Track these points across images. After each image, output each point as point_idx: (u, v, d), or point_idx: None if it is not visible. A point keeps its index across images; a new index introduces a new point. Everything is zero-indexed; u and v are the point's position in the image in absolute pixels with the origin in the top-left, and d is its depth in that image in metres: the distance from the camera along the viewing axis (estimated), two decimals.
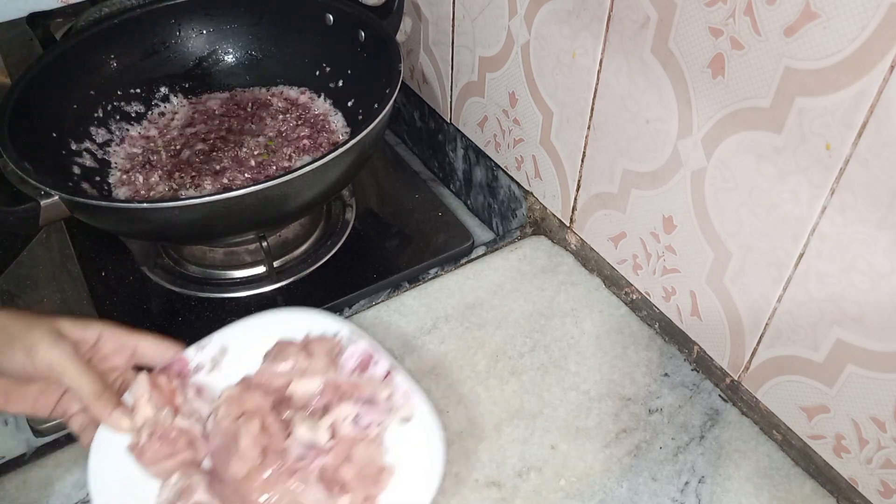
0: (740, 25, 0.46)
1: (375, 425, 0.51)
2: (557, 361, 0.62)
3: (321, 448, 0.49)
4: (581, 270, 0.70)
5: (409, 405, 0.52)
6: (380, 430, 0.51)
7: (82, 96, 0.75)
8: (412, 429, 0.52)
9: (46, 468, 0.55)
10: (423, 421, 0.52)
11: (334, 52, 0.80)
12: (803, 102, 0.44)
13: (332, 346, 0.55)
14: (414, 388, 0.53)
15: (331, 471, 0.48)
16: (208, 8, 0.81)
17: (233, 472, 0.47)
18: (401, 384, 0.53)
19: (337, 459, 0.49)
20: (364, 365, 0.54)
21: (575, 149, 0.65)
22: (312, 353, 0.54)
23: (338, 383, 0.53)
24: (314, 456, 0.49)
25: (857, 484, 0.51)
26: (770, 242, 0.50)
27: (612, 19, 0.55)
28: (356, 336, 0.56)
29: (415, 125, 0.92)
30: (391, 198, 0.84)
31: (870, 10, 0.39)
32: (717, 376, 0.60)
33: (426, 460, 0.50)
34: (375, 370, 0.54)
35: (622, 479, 0.54)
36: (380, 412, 0.52)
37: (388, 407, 0.52)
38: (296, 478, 0.48)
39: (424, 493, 0.49)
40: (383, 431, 0.51)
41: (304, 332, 0.56)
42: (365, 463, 0.49)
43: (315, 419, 0.50)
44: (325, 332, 0.56)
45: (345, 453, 0.49)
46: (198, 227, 0.61)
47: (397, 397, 0.53)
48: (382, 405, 0.52)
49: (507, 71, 0.70)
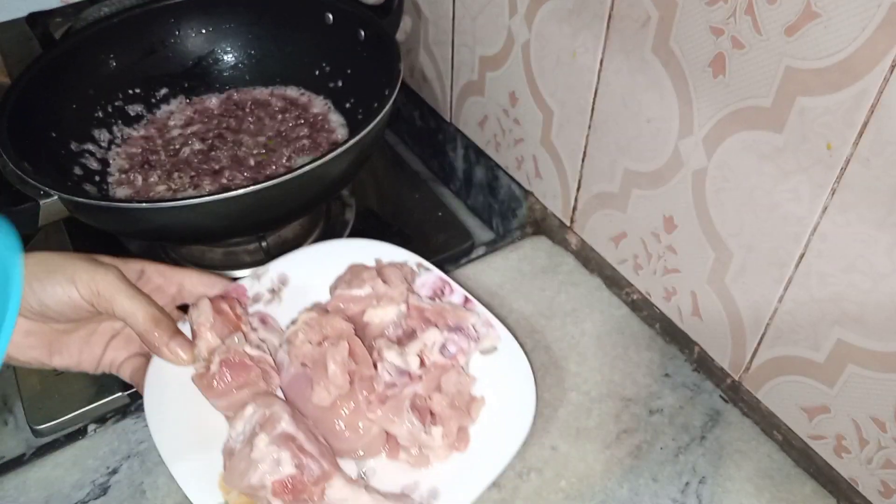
0: (741, 25, 0.45)
1: (462, 354, 0.47)
2: (558, 362, 0.62)
3: (412, 375, 0.45)
4: (581, 270, 0.70)
5: (492, 334, 0.49)
6: (466, 360, 0.48)
7: (81, 96, 0.75)
8: (498, 359, 0.48)
9: (46, 468, 0.55)
10: (509, 351, 0.48)
11: (334, 51, 0.80)
12: (804, 102, 0.44)
13: (407, 272, 0.51)
14: (493, 318, 0.50)
15: (422, 400, 0.45)
16: (207, 7, 0.81)
17: (317, 401, 0.43)
18: (481, 313, 0.50)
19: (428, 388, 0.45)
20: (438, 293, 0.51)
21: (575, 148, 0.65)
22: (389, 279, 0.50)
23: (422, 308, 0.49)
24: (405, 384, 0.45)
25: (857, 484, 0.51)
26: (771, 242, 0.50)
27: (612, 18, 0.55)
28: (426, 265, 0.52)
29: (415, 125, 0.92)
30: (391, 198, 0.84)
31: (870, 10, 0.39)
32: (717, 377, 0.60)
33: (517, 392, 0.47)
34: (452, 298, 0.50)
35: (623, 479, 0.54)
36: (466, 340, 0.48)
37: (473, 335, 0.48)
38: (387, 406, 0.44)
39: (520, 425, 0.46)
40: (469, 361, 0.48)
41: (373, 260, 0.52)
42: (456, 392, 0.46)
43: (402, 346, 0.47)
44: (394, 259, 0.52)
45: (435, 382, 0.46)
46: (197, 227, 0.61)
47: (479, 326, 0.49)
48: (469, 333, 0.48)
49: (508, 70, 0.69)
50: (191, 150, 0.75)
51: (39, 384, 0.62)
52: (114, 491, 0.54)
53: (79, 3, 0.98)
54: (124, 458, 0.56)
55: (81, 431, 0.58)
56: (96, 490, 0.54)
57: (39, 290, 0.42)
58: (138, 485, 0.54)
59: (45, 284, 0.42)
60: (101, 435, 0.57)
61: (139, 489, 0.54)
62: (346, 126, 0.79)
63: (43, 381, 0.62)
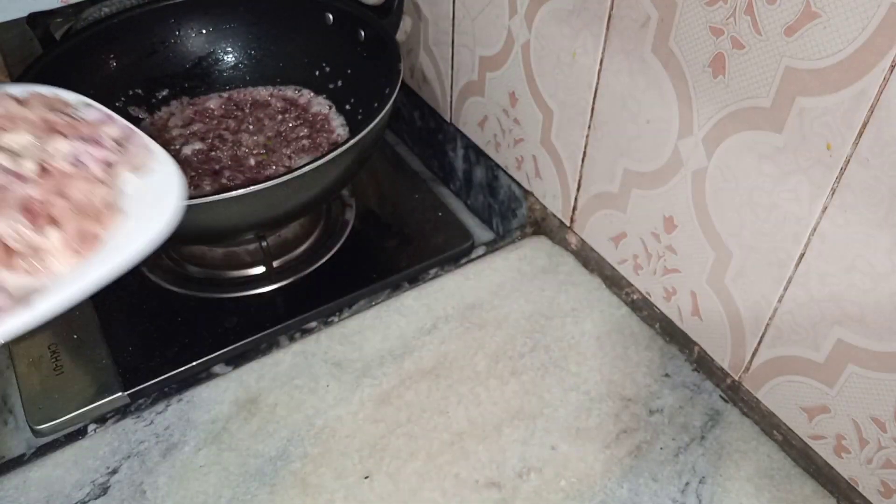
0: (741, 25, 0.45)
1: (100, 165, 0.47)
2: (558, 362, 0.62)
3: (25, 178, 0.44)
4: (581, 270, 0.70)
5: (145, 154, 0.48)
6: (110, 174, 0.47)
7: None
8: (149, 178, 0.48)
9: (46, 468, 0.55)
10: (163, 171, 0.48)
11: (334, 51, 0.80)
12: (804, 102, 0.44)
13: (56, 101, 0.49)
14: (156, 146, 0.49)
15: (37, 203, 0.43)
16: (208, 7, 0.81)
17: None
18: (140, 138, 0.49)
19: (47, 193, 0.44)
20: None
21: (575, 149, 0.65)
22: (28, 103, 0.48)
23: (53, 121, 0.47)
24: (16, 184, 0.43)
25: (857, 484, 0.51)
26: (771, 242, 0.50)
27: (612, 19, 0.55)
28: (91, 103, 0.51)
29: (415, 125, 0.92)
30: (391, 198, 0.84)
31: (870, 10, 0.39)
32: (717, 377, 0.60)
33: (158, 208, 0.46)
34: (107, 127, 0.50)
35: (623, 479, 0.54)
36: (105, 152, 0.47)
37: (112, 148, 0.48)
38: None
39: (146, 233, 0.45)
40: (115, 177, 0.47)
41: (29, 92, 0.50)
42: (85, 200, 0.45)
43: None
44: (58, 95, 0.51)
45: (56, 188, 0.45)
46: (197, 228, 0.61)
47: (133, 147, 0.48)
48: (109, 146, 0.48)
49: (508, 70, 0.70)
50: (191, 150, 0.75)
51: (39, 384, 0.62)
52: (114, 491, 0.54)
53: (79, 4, 0.98)
54: (124, 457, 0.56)
55: (81, 431, 0.58)
56: (96, 490, 0.54)
57: None
58: (138, 484, 0.54)
59: None
60: (101, 435, 0.57)
61: (139, 489, 0.54)
62: (346, 126, 0.79)
63: (43, 381, 0.62)
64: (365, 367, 0.62)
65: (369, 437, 0.57)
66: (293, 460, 0.55)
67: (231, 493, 0.53)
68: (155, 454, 0.56)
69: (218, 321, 0.67)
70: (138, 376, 0.62)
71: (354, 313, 0.67)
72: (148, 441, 0.57)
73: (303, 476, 0.54)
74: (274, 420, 0.58)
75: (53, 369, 0.63)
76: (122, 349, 0.65)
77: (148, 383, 0.62)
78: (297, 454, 0.56)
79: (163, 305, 0.70)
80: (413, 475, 0.54)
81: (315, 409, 0.59)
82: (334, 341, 0.64)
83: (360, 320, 0.66)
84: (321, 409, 0.59)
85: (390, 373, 0.61)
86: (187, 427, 0.58)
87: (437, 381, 0.60)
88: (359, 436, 0.57)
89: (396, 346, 0.63)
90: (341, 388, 0.60)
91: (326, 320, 0.66)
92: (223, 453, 0.56)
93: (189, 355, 0.64)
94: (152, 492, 0.54)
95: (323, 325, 0.66)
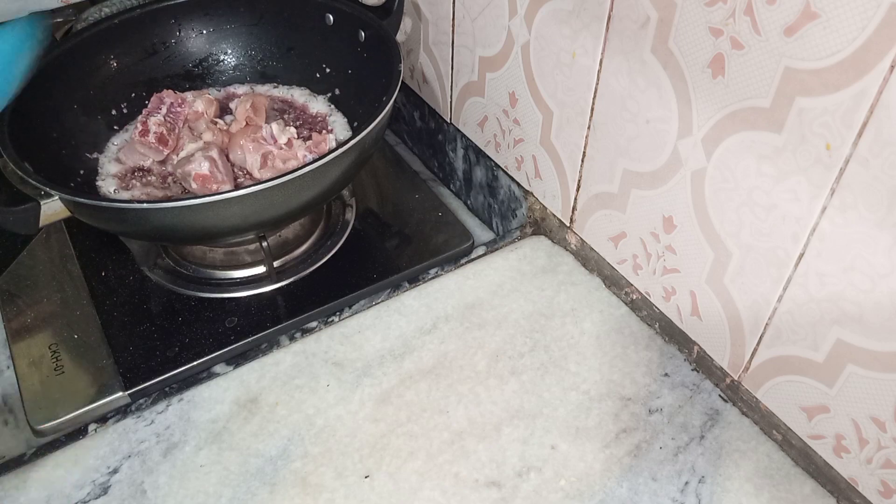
0: (740, 25, 0.46)
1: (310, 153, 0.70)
2: (557, 361, 0.62)
3: (277, 141, 0.70)
4: (581, 270, 0.70)
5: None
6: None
7: (82, 96, 0.75)
8: None
9: (46, 468, 0.55)
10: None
11: (334, 52, 0.80)
12: (803, 102, 0.44)
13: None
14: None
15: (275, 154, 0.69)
16: (208, 8, 0.81)
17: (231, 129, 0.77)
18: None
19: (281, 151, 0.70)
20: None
21: (575, 149, 0.65)
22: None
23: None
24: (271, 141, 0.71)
25: (857, 484, 0.51)
26: (770, 242, 0.50)
27: (612, 19, 0.55)
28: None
29: (415, 125, 0.92)
30: (391, 198, 0.84)
31: (870, 10, 0.39)
32: (717, 376, 0.60)
33: None
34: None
35: (622, 479, 0.54)
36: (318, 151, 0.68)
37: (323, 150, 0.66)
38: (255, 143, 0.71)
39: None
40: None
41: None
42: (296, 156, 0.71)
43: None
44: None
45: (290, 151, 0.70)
46: (197, 228, 0.62)
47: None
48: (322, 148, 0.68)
49: (508, 71, 0.70)
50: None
51: (39, 384, 0.62)
52: (114, 490, 0.54)
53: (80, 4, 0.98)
54: (125, 457, 0.56)
55: (82, 431, 0.58)
56: (97, 489, 0.54)
57: None
58: (139, 484, 0.54)
59: None
60: (101, 434, 0.57)
61: (140, 489, 0.54)
62: (346, 126, 0.79)
63: (43, 381, 0.62)
64: (365, 366, 0.62)
65: (369, 437, 0.57)
66: (293, 460, 0.55)
67: (231, 493, 0.53)
68: (155, 454, 0.56)
69: (218, 321, 0.68)
70: (139, 376, 0.63)
71: (355, 313, 0.67)
72: (148, 441, 0.57)
73: (303, 475, 0.54)
74: (274, 419, 0.58)
75: (54, 369, 0.63)
76: (122, 349, 0.65)
77: (148, 383, 0.62)
78: (297, 453, 0.56)
79: (163, 305, 0.70)
80: (413, 474, 0.54)
81: (315, 409, 0.59)
82: (335, 341, 0.64)
83: (360, 320, 0.66)
84: (321, 409, 0.59)
85: (390, 372, 0.61)
86: (188, 427, 0.58)
87: (437, 380, 0.60)
88: (359, 435, 0.57)
89: (396, 345, 0.63)
90: (342, 388, 0.60)
91: (327, 320, 0.66)
92: (224, 453, 0.56)
93: (190, 355, 0.64)
94: (153, 491, 0.54)
95: (323, 325, 0.66)
